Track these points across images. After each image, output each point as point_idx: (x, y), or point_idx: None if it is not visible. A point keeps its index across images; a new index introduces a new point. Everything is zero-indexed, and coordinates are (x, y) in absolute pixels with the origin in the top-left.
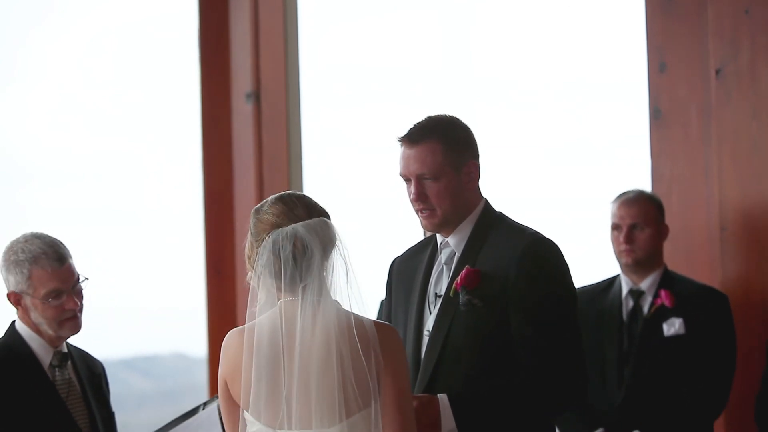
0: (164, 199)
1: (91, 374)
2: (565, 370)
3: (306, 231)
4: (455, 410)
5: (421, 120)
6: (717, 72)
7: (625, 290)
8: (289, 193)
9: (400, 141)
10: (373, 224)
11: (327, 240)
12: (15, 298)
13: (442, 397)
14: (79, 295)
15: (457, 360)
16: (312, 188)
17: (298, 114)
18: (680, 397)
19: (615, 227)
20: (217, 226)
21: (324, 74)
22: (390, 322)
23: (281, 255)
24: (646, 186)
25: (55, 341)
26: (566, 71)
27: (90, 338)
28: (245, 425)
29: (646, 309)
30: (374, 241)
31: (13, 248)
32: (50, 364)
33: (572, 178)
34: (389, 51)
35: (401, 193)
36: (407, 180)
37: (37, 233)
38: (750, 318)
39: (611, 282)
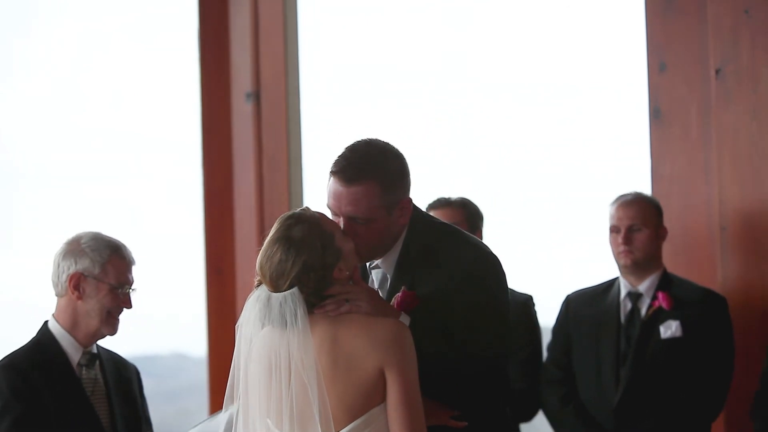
0: (164, 199)
1: (119, 376)
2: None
3: (262, 316)
4: None
5: (354, 151)
6: (717, 72)
7: (623, 293)
8: (285, 238)
9: (331, 175)
10: None
11: (275, 315)
12: (76, 280)
13: None
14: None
15: None
16: (312, 188)
17: (298, 114)
18: (676, 400)
19: (613, 229)
20: (217, 226)
21: (324, 74)
22: None
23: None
24: (646, 186)
25: (89, 339)
26: (566, 71)
27: None
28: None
29: (643, 311)
30: None
31: (84, 237)
32: (78, 362)
33: (572, 178)
34: (389, 51)
35: None
36: (335, 214)
37: None
38: (750, 317)
39: (610, 284)
